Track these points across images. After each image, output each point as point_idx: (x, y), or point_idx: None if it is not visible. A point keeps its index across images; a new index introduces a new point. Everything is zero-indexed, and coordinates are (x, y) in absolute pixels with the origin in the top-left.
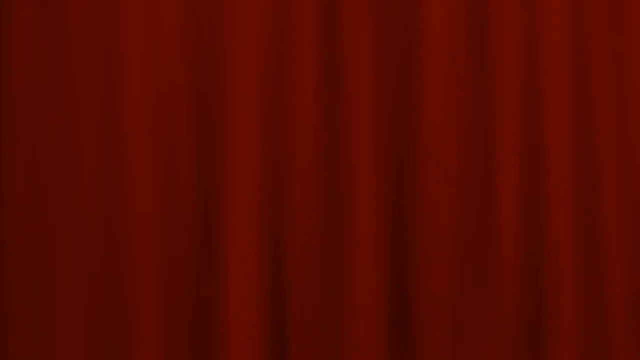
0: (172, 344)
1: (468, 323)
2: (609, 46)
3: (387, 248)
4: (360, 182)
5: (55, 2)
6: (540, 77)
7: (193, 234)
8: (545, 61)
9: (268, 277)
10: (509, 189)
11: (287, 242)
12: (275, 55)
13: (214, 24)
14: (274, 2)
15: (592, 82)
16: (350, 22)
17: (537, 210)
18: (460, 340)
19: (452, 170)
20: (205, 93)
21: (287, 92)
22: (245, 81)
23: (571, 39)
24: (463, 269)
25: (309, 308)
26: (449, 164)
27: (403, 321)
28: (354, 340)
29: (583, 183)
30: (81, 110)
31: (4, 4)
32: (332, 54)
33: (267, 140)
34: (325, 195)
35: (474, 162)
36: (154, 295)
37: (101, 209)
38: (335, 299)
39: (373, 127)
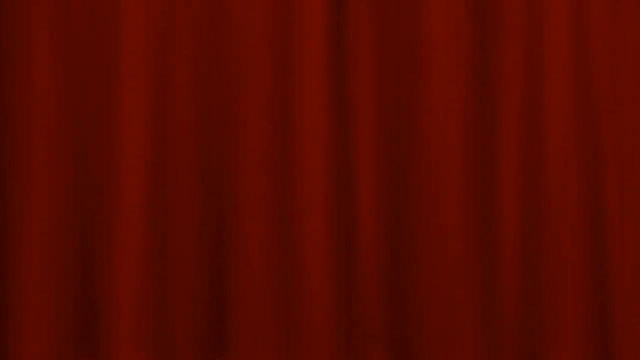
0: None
1: (468, 325)
2: (611, 45)
3: (387, 249)
4: (362, 180)
5: (58, 2)
6: (542, 75)
7: (198, 234)
8: (546, 59)
9: (274, 276)
10: (511, 188)
11: (290, 241)
12: (280, 55)
13: (219, 22)
14: (279, 3)
15: (593, 81)
16: (353, 23)
17: (538, 212)
18: (461, 341)
19: (453, 170)
20: (210, 90)
21: (291, 93)
22: (251, 81)
23: (573, 37)
24: (464, 272)
25: (313, 309)
26: (450, 163)
27: (403, 322)
28: (355, 340)
29: (585, 184)
30: (83, 108)
31: (5, 3)
32: (336, 54)
33: (273, 138)
34: (328, 193)
35: (475, 161)
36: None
37: (99, 209)
38: (338, 294)
39: (375, 125)
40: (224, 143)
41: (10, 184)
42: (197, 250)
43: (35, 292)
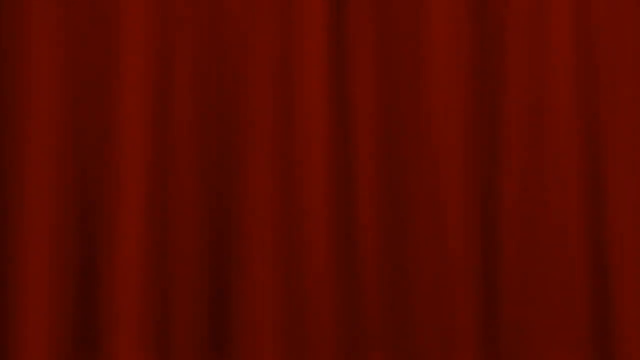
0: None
1: (468, 325)
2: (613, 45)
3: (387, 249)
4: (362, 179)
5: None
6: (543, 75)
7: (199, 234)
8: (548, 59)
9: (274, 276)
10: (511, 188)
11: (291, 241)
12: (280, 55)
13: (219, 22)
14: (279, 3)
15: (595, 80)
16: (353, 23)
17: (539, 212)
18: (461, 341)
19: (453, 170)
20: (211, 90)
21: (291, 93)
22: (251, 80)
23: (575, 36)
24: (464, 272)
25: (314, 309)
26: (450, 163)
27: (403, 322)
28: (356, 340)
29: (586, 183)
30: (83, 108)
31: (5, 3)
32: (336, 54)
33: (272, 138)
34: (328, 193)
35: (475, 161)
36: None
37: (99, 209)
38: (342, 291)
39: (375, 125)
40: (224, 143)
41: (10, 184)
42: (197, 250)
43: (35, 292)
